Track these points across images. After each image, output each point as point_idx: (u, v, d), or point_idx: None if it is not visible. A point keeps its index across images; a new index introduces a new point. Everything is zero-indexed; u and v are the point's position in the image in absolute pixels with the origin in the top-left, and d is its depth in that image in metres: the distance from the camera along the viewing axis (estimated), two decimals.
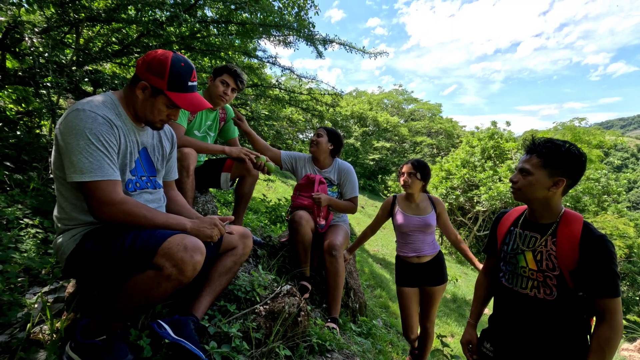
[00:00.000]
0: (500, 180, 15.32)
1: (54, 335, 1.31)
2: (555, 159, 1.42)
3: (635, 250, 14.67)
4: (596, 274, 1.35)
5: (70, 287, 1.56)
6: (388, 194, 21.98)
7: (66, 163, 1.18)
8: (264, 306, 1.66)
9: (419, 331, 2.84)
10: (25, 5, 3.18)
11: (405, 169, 2.65)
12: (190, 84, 1.35)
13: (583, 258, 1.37)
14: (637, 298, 14.04)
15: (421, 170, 2.61)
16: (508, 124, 23.55)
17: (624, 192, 17.71)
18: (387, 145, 30.42)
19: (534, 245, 1.51)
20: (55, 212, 1.32)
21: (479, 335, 1.82)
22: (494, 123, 21.00)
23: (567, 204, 15.99)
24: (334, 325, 2.29)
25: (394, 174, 27.33)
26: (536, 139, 1.50)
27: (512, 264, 1.60)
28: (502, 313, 1.66)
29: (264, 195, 6.81)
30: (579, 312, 1.44)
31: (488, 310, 1.85)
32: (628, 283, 14.94)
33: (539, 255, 1.49)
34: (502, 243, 1.68)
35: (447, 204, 17.13)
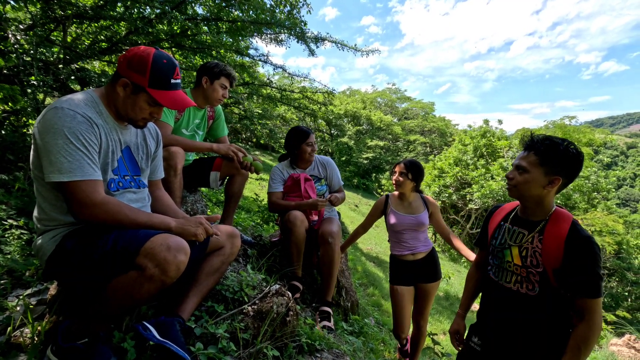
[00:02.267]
0: (492, 178, 15.46)
1: (35, 339, 1.28)
2: (553, 157, 1.40)
3: (624, 247, 14.91)
4: (579, 274, 1.36)
5: (53, 289, 1.53)
6: (382, 193, 22.05)
7: (44, 163, 1.15)
8: (252, 306, 1.64)
9: (410, 330, 2.85)
10: (12, 2, 3.12)
11: (397, 168, 2.68)
12: (173, 81, 1.32)
13: (567, 257, 1.38)
14: (626, 294, 14.27)
15: (413, 171, 2.62)
16: (500, 122, 23.75)
17: (614, 190, 17.98)
18: (381, 143, 30.47)
19: (521, 241, 1.52)
20: (35, 213, 1.29)
21: (467, 329, 1.86)
22: (486, 121, 21.17)
23: (558, 201, 16.20)
24: (329, 310, 2.40)
25: (387, 173, 27.43)
26: (534, 136, 1.48)
27: (498, 257, 1.62)
28: (489, 306, 1.69)
29: (256, 195, 6.78)
30: (560, 308, 1.45)
31: (477, 306, 1.88)
32: (617, 279, 15.17)
33: (524, 251, 1.51)
34: (492, 237, 1.69)
35: (440, 202, 17.25)
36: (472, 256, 2.47)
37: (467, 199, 16.71)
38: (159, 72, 1.27)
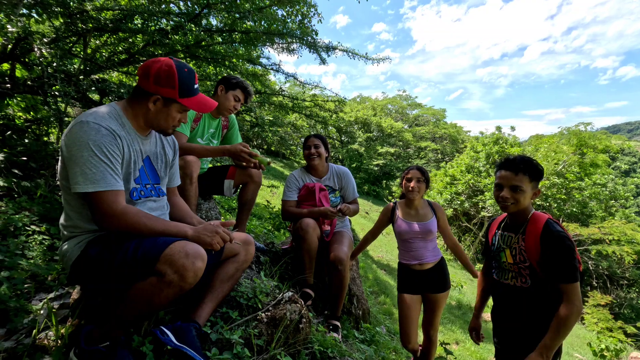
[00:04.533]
0: None
1: (59, 342, 1.33)
2: (536, 173, 1.72)
3: None
4: (554, 263, 1.62)
5: (75, 293, 1.58)
6: (392, 200, 21.90)
7: (71, 174, 1.21)
8: (266, 313, 1.67)
9: (418, 343, 2.79)
10: (35, 15, 3.26)
11: (413, 174, 2.60)
12: (195, 87, 1.43)
13: (543, 250, 1.65)
14: None
15: (427, 177, 2.62)
16: (513, 128, 23.45)
17: (632, 197, 17.53)
18: (392, 150, 30.37)
19: (510, 243, 1.82)
20: (61, 220, 1.35)
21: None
22: (498, 128, 20.93)
23: (574, 209, 15.84)
24: (337, 323, 2.48)
25: (398, 180, 27.25)
26: (516, 158, 1.76)
27: (497, 260, 1.92)
28: (496, 303, 1.98)
29: (268, 202, 6.82)
30: (552, 296, 1.67)
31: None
32: (637, 289, 14.70)
33: (514, 251, 1.79)
34: (491, 244, 1.99)
35: (451, 209, 17.04)
36: (475, 273, 2.61)
37: (480, 206, 16.48)
38: (185, 82, 1.37)
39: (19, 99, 3.44)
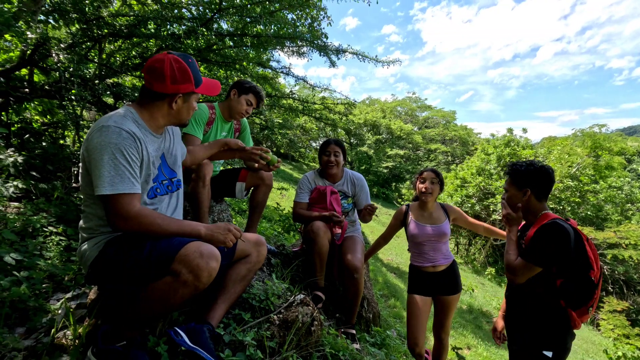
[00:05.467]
0: None
1: (77, 341, 1.36)
2: (519, 176, 1.88)
3: None
4: (529, 242, 1.76)
5: (92, 293, 1.61)
6: (402, 202, 21.76)
7: (93, 178, 1.23)
8: (278, 315, 1.67)
9: (425, 348, 2.75)
10: (52, 22, 3.35)
11: (427, 175, 2.59)
12: (200, 73, 1.48)
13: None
14: None
15: (441, 179, 2.61)
16: (524, 130, 23.08)
17: None
18: (401, 152, 30.20)
19: (523, 239, 1.89)
20: (81, 223, 1.38)
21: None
22: (510, 130, 20.62)
23: (589, 212, 15.51)
24: (353, 331, 2.51)
25: (407, 182, 27.05)
26: (509, 164, 1.98)
27: None
28: (507, 304, 2.10)
29: (278, 204, 6.86)
30: (547, 293, 1.76)
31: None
32: None
33: (523, 245, 1.87)
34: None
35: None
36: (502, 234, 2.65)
37: (491, 209, 16.24)
38: (195, 72, 1.42)
39: (36, 102, 3.53)
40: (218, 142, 1.99)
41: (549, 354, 1.72)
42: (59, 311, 1.53)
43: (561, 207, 15.23)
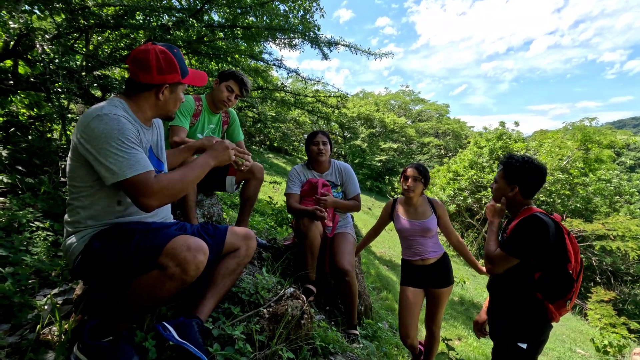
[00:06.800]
0: None
1: (63, 337, 1.34)
2: (511, 171, 1.88)
3: None
4: (509, 234, 1.79)
5: (78, 289, 1.59)
6: (395, 195, 21.84)
7: (101, 169, 1.20)
8: (268, 309, 1.67)
9: (418, 340, 2.79)
10: (37, 11, 3.26)
11: (410, 172, 2.60)
12: (186, 63, 1.45)
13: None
14: None
15: (425, 175, 2.60)
16: (517, 124, 23.27)
17: (637, 193, 17.38)
18: (394, 146, 30.24)
19: (505, 232, 1.94)
20: (66, 217, 1.36)
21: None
22: (502, 123, 20.78)
23: (578, 205, 15.74)
24: (356, 332, 2.57)
25: (399, 176, 27.14)
26: (505, 155, 1.98)
27: None
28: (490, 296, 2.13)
29: (270, 198, 6.84)
30: (528, 280, 1.77)
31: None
32: None
33: (504, 237, 1.90)
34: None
35: (454, 205, 16.99)
36: (480, 269, 2.58)
37: (483, 202, 16.40)
38: (181, 62, 1.39)
39: (22, 95, 3.45)
40: (192, 146, 1.85)
41: (524, 345, 1.73)
42: (45, 307, 1.51)
43: (551, 200, 15.44)
